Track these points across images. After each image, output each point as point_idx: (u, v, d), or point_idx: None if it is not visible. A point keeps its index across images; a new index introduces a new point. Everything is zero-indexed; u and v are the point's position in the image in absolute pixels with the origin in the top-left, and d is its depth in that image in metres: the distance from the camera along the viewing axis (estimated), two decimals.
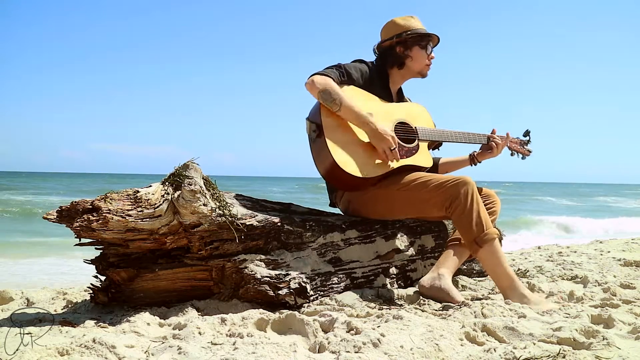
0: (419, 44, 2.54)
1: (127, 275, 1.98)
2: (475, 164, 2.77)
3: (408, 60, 2.56)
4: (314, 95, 2.32)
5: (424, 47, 2.54)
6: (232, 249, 2.03)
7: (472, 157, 2.76)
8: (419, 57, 2.55)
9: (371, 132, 2.31)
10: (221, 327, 1.68)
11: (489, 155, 2.72)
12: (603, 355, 1.44)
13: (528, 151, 2.86)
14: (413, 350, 1.46)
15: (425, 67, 2.58)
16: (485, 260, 2.25)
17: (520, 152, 2.84)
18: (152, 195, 1.89)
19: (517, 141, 2.84)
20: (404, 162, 2.41)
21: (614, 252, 4.53)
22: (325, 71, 2.36)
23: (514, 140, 2.82)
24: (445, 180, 2.31)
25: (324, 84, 2.29)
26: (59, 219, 1.82)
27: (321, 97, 2.29)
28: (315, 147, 2.36)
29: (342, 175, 2.28)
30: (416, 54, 2.55)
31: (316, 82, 2.30)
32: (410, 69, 2.58)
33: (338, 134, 2.32)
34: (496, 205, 2.54)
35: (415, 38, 2.53)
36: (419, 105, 2.65)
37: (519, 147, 2.83)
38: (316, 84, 2.29)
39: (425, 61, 2.57)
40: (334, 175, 2.33)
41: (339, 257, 2.30)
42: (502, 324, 1.72)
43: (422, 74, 2.60)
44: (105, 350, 1.38)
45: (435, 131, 2.56)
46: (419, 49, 2.54)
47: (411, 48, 2.54)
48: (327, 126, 2.31)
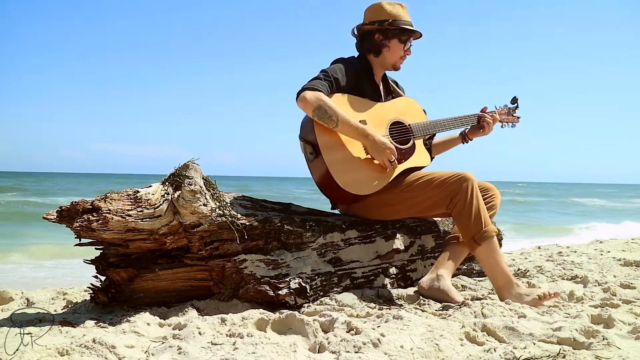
0: (399, 37, 2.47)
1: (127, 276, 1.98)
2: (466, 142, 2.75)
3: (385, 49, 2.49)
4: (308, 114, 2.25)
5: (403, 41, 2.48)
6: (232, 249, 2.03)
7: (463, 135, 2.73)
8: (396, 50, 2.49)
9: (370, 145, 2.28)
10: (221, 327, 1.68)
11: (481, 134, 2.69)
12: (603, 355, 1.44)
13: (517, 118, 2.82)
14: (413, 350, 1.46)
15: (399, 59, 2.52)
16: (482, 257, 2.25)
17: (510, 121, 2.80)
18: (152, 196, 1.89)
19: (506, 110, 2.79)
20: (404, 166, 2.40)
21: (614, 252, 4.53)
22: (314, 84, 2.27)
23: (502, 112, 2.77)
24: (447, 176, 2.30)
25: (317, 101, 2.21)
26: (59, 219, 1.82)
27: (316, 115, 2.22)
28: (315, 169, 2.33)
29: (345, 194, 2.27)
30: (394, 46, 2.49)
31: (308, 99, 2.21)
32: (385, 59, 2.51)
33: (336, 152, 2.27)
34: (495, 199, 2.52)
35: (397, 31, 2.46)
36: (409, 99, 2.61)
37: (508, 116, 2.79)
38: (309, 102, 2.20)
39: (401, 54, 2.51)
40: (336, 194, 2.34)
41: (339, 257, 2.30)
42: (502, 324, 1.72)
43: (395, 67, 2.54)
44: (105, 350, 1.38)
45: (429, 124, 2.53)
46: (398, 42, 2.48)
47: (390, 39, 2.48)
48: (324, 146, 2.25)
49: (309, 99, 2.21)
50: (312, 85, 2.28)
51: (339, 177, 2.23)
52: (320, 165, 2.27)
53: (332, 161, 2.25)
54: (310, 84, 2.28)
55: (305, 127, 2.36)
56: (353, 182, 2.26)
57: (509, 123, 2.80)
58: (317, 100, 2.21)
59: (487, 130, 2.67)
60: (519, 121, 2.82)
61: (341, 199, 2.40)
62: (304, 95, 2.23)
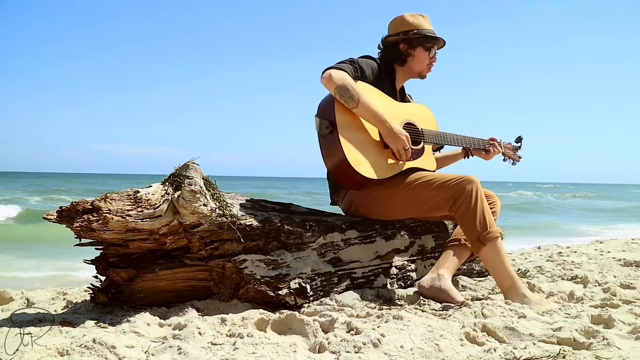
0: (423, 45, 2.53)
1: (127, 276, 1.98)
2: (467, 157, 2.84)
3: (410, 59, 2.56)
4: (330, 91, 2.28)
5: (427, 49, 2.54)
6: (232, 249, 2.03)
7: (467, 150, 2.81)
8: (422, 58, 2.55)
9: (386, 131, 2.30)
10: (221, 327, 1.68)
11: (482, 157, 2.79)
12: (603, 355, 1.44)
13: (519, 157, 2.95)
14: (413, 350, 1.46)
15: (425, 68, 2.59)
16: (487, 259, 2.25)
17: (512, 157, 2.93)
18: (152, 196, 1.89)
19: (510, 147, 2.92)
20: (411, 164, 2.41)
21: (614, 252, 4.53)
22: (341, 65, 2.33)
23: (507, 147, 2.89)
24: (450, 178, 2.31)
25: (341, 79, 2.25)
26: (59, 219, 1.82)
27: (338, 93, 2.25)
28: (326, 144, 2.33)
29: (352, 174, 2.27)
30: (419, 54, 2.55)
31: (334, 76, 2.25)
32: (411, 68, 2.58)
33: (351, 132, 2.30)
34: (496, 206, 2.54)
35: (421, 39, 2.52)
36: (424, 106, 2.66)
37: (511, 153, 2.93)
38: (334, 79, 2.25)
39: (427, 62, 2.57)
40: (343, 173, 2.31)
41: (339, 257, 2.30)
42: (502, 324, 1.72)
43: (422, 75, 2.61)
44: (105, 350, 1.38)
45: (440, 134, 2.58)
46: (423, 50, 2.54)
47: (415, 48, 2.54)
48: (341, 123, 2.28)
49: (334, 77, 2.25)
50: (338, 66, 2.32)
51: (349, 154, 2.25)
52: (334, 140, 2.27)
53: (346, 138, 2.27)
54: (336, 65, 2.33)
55: (324, 105, 2.38)
56: (362, 162, 2.27)
57: (510, 159, 2.93)
58: (341, 79, 2.25)
59: (490, 156, 2.78)
60: (519, 161, 2.96)
61: (347, 180, 2.37)
62: (330, 72, 2.27)
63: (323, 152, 2.37)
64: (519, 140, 2.97)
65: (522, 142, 2.97)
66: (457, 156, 2.86)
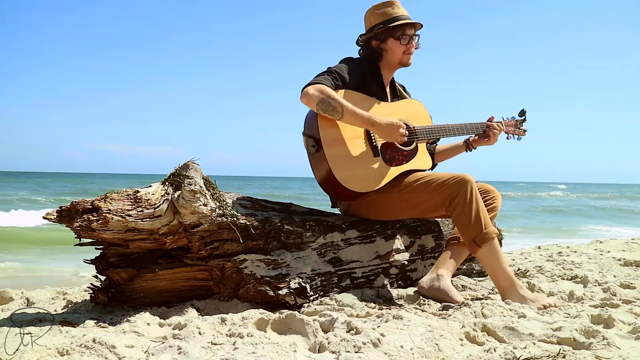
0: (392, 35, 2.45)
1: (127, 275, 1.98)
2: (470, 150, 2.73)
3: (385, 53, 2.48)
4: (312, 108, 2.23)
5: (398, 38, 2.45)
6: (232, 249, 2.03)
7: (468, 143, 2.72)
8: (395, 49, 2.46)
9: (380, 130, 2.28)
10: (221, 327, 1.68)
11: (486, 143, 2.67)
12: (603, 355, 1.44)
13: (524, 131, 2.81)
14: (413, 350, 1.46)
15: (404, 56, 2.49)
16: (484, 259, 2.25)
17: (516, 133, 2.79)
18: (152, 195, 1.89)
19: (513, 122, 2.78)
20: (403, 167, 2.40)
21: (614, 252, 4.53)
22: (318, 79, 2.27)
23: (509, 123, 2.76)
24: (446, 178, 2.30)
25: (319, 94, 2.20)
26: (59, 219, 1.82)
27: (321, 108, 2.20)
28: (314, 161, 2.32)
29: (342, 189, 2.26)
30: (392, 46, 2.46)
31: (311, 93, 2.19)
32: (389, 61, 2.50)
33: (338, 147, 2.27)
34: (496, 201, 2.51)
35: (387, 31, 2.44)
36: (415, 102, 2.61)
37: (515, 128, 2.79)
38: (312, 96, 2.19)
39: (402, 51, 2.47)
40: (334, 189, 2.32)
41: (339, 257, 2.30)
42: (502, 324, 1.72)
43: (402, 64, 2.51)
44: (105, 350, 1.38)
45: (434, 129, 2.51)
46: (394, 40, 2.45)
47: (386, 41, 2.46)
48: (326, 140, 2.24)
49: (311, 94, 2.20)
50: (315, 80, 2.27)
51: (338, 172, 2.23)
52: (320, 159, 2.26)
53: (333, 156, 2.24)
54: (313, 80, 2.28)
55: (308, 122, 2.34)
56: (352, 178, 2.25)
57: (515, 135, 2.79)
58: (320, 94, 2.20)
59: (492, 140, 2.65)
60: (526, 134, 2.81)
61: (339, 195, 2.38)
62: (307, 91, 2.22)
63: (313, 170, 2.35)
64: (523, 113, 2.81)
65: (525, 114, 2.81)
66: (459, 148, 2.75)
